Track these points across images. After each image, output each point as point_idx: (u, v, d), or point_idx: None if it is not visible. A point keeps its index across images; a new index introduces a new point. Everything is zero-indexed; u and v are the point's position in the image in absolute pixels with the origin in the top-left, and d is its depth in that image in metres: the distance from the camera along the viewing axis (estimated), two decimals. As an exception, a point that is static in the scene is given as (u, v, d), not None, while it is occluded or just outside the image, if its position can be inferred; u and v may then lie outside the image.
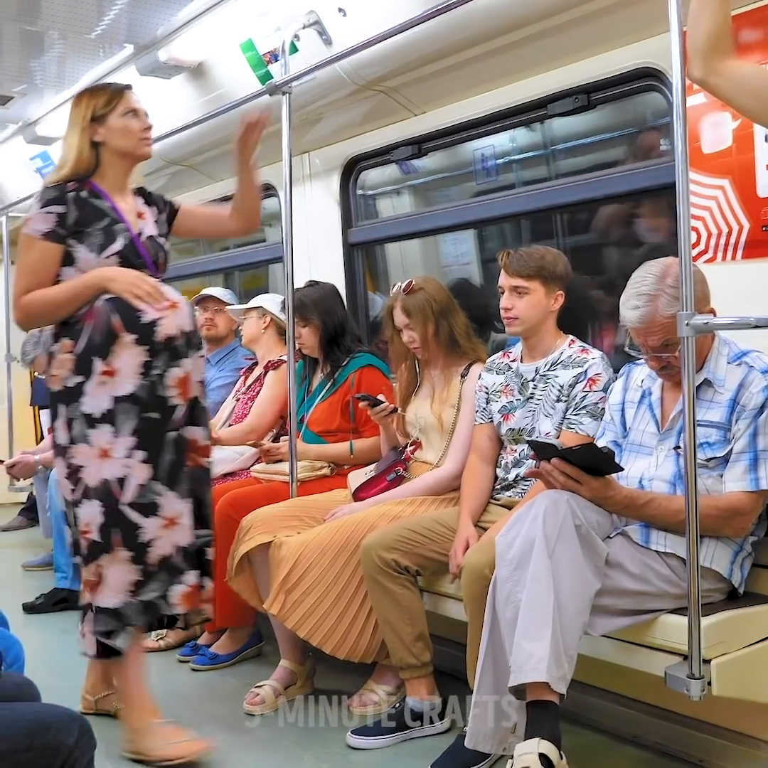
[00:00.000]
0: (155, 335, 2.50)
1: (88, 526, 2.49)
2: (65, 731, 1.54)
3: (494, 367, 2.87)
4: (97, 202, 2.59)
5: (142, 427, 2.49)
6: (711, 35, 1.88)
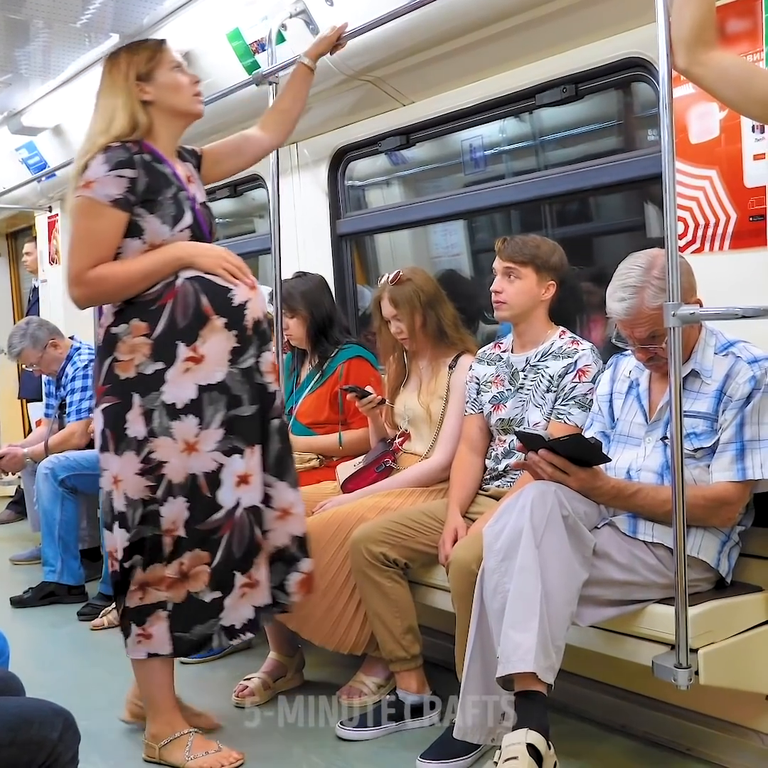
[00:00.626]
0: (245, 319, 2.36)
1: (175, 524, 2.34)
2: (49, 726, 1.52)
3: (485, 357, 2.87)
4: (160, 167, 2.36)
5: (243, 416, 2.35)
6: (695, 26, 1.89)
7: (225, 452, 2.35)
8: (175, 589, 2.36)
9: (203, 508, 2.35)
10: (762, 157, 2.29)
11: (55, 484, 4.15)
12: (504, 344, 2.85)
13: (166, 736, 2.46)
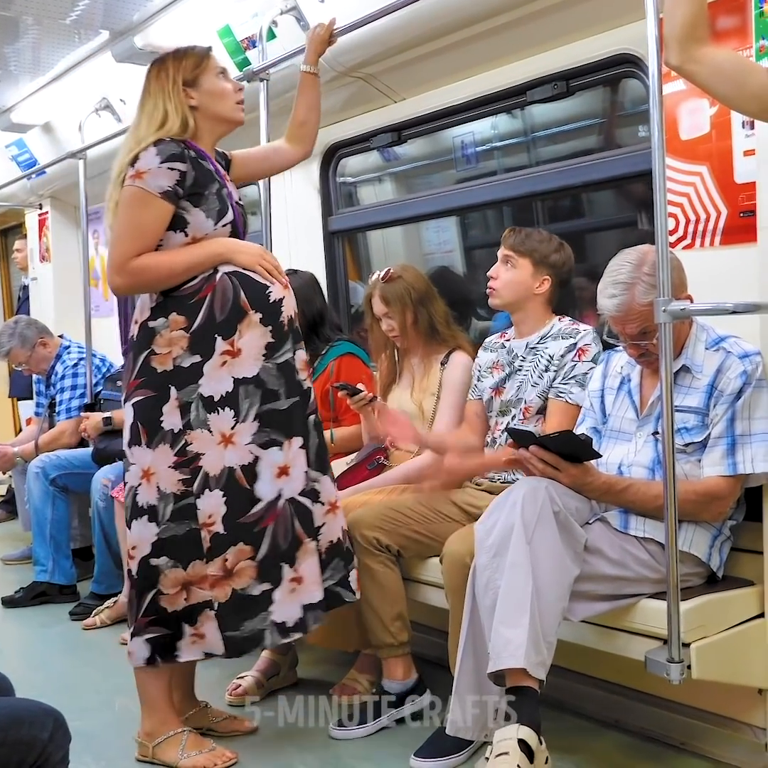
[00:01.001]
0: (281, 316, 2.40)
1: (212, 517, 2.33)
2: (39, 726, 1.51)
3: (489, 345, 2.89)
4: (204, 163, 2.40)
5: (279, 410, 2.38)
6: (688, 22, 1.88)
7: (261, 445, 2.37)
8: (219, 587, 2.35)
9: (242, 502, 2.35)
10: (752, 153, 2.29)
11: (46, 483, 4.13)
12: (509, 333, 2.86)
13: (160, 735, 2.45)
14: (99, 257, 5.60)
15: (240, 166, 2.65)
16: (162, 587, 2.36)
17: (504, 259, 2.73)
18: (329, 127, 3.79)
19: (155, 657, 2.39)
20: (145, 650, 2.38)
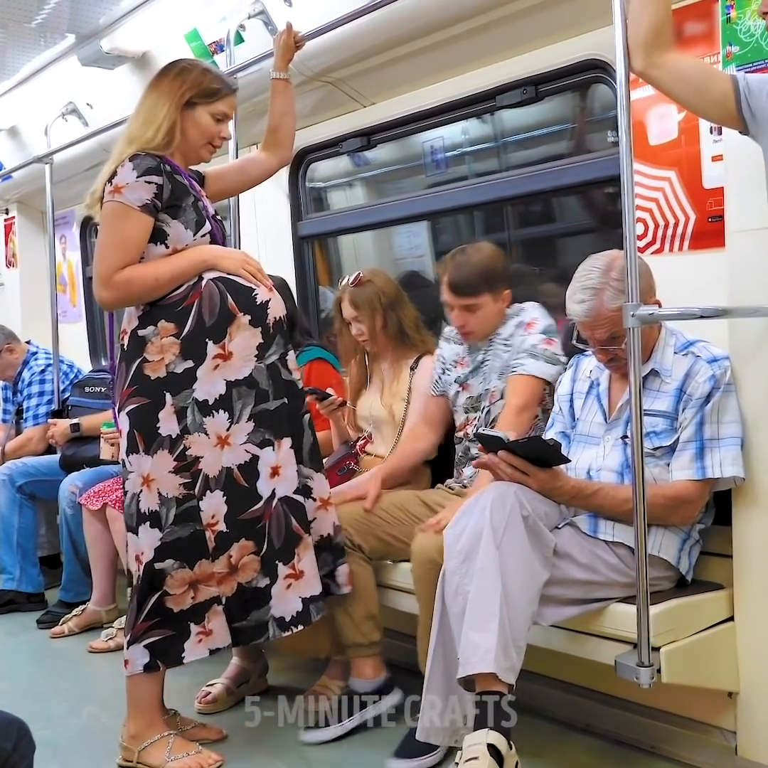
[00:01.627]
0: (268, 317, 2.43)
1: (215, 517, 2.38)
2: (2, 735, 1.50)
3: (452, 336, 2.88)
4: (179, 177, 2.43)
5: (270, 410, 2.42)
6: (652, 29, 1.90)
7: (258, 444, 2.41)
8: (225, 583, 2.40)
9: (242, 499, 2.40)
10: (720, 158, 2.31)
11: (12, 491, 4.08)
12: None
13: (146, 738, 2.45)
14: (66, 262, 5.55)
15: (215, 181, 2.67)
16: (168, 588, 2.38)
17: (464, 308, 2.68)
18: (298, 132, 3.76)
19: (156, 662, 2.40)
20: (144, 656, 2.40)
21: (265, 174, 2.83)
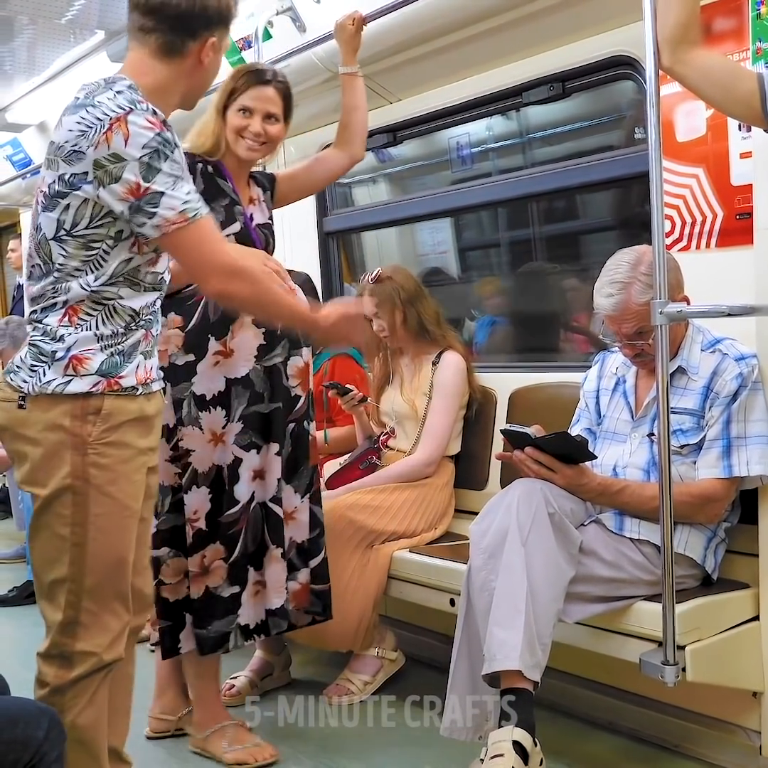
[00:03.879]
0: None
1: (197, 514, 2.39)
2: (34, 724, 1.52)
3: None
4: (221, 181, 2.47)
5: (262, 413, 2.42)
6: (679, 25, 1.90)
7: (243, 447, 2.41)
8: (195, 584, 2.40)
9: (224, 501, 2.40)
10: (748, 155, 2.29)
11: (40, 483, 4.11)
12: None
13: (209, 727, 2.50)
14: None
15: (285, 182, 2.67)
16: (163, 577, 2.41)
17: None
18: (324, 127, 3.78)
19: (163, 650, 2.46)
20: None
21: (336, 172, 2.77)
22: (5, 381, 1.83)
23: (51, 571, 1.82)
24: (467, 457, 3.04)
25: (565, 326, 3.67)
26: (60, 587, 1.81)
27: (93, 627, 1.81)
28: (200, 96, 2.02)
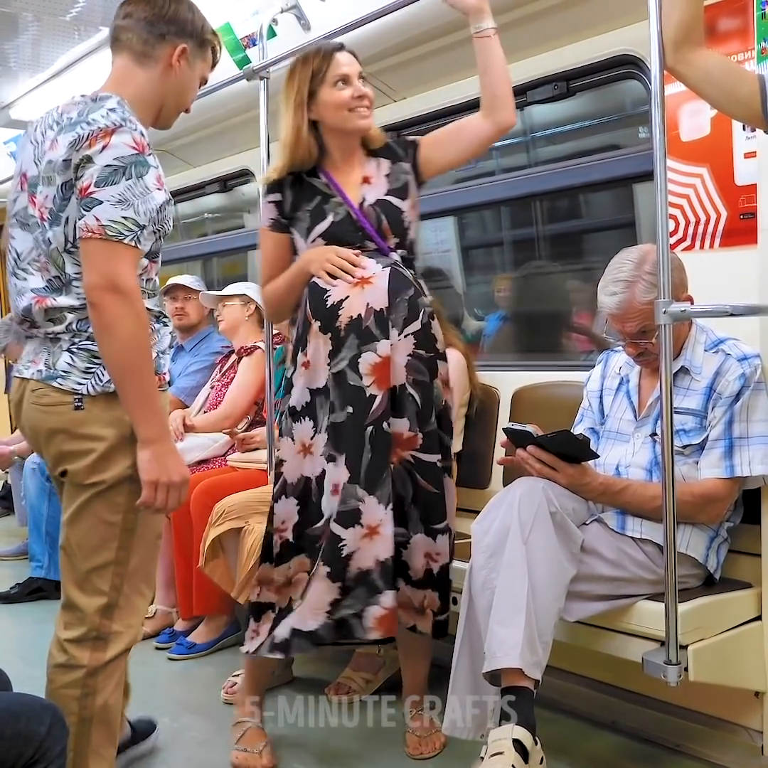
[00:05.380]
0: (338, 320, 2.29)
1: (285, 524, 2.37)
2: (36, 720, 1.52)
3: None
4: (314, 180, 2.42)
5: (336, 423, 2.30)
6: (683, 25, 1.90)
7: (327, 458, 2.34)
8: (281, 594, 2.38)
9: (311, 513, 2.36)
10: (753, 155, 2.29)
11: (42, 479, 4.13)
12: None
13: (236, 717, 2.53)
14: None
15: (429, 148, 2.46)
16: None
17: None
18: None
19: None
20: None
21: (482, 139, 2.42)
22: (49, 386, 1.90)
23: (94, 557, 1.91)
24: (470, 456, 3.03)
25: (567, 325, 3.67)
26: (103, 572, 1.91)
27: (126, 608, 1.93)
28: (175, 111, 2.10)
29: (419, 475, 2.34)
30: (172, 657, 3.24)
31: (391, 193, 2.41)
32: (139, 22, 2.01)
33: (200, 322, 4.18)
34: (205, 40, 2.09)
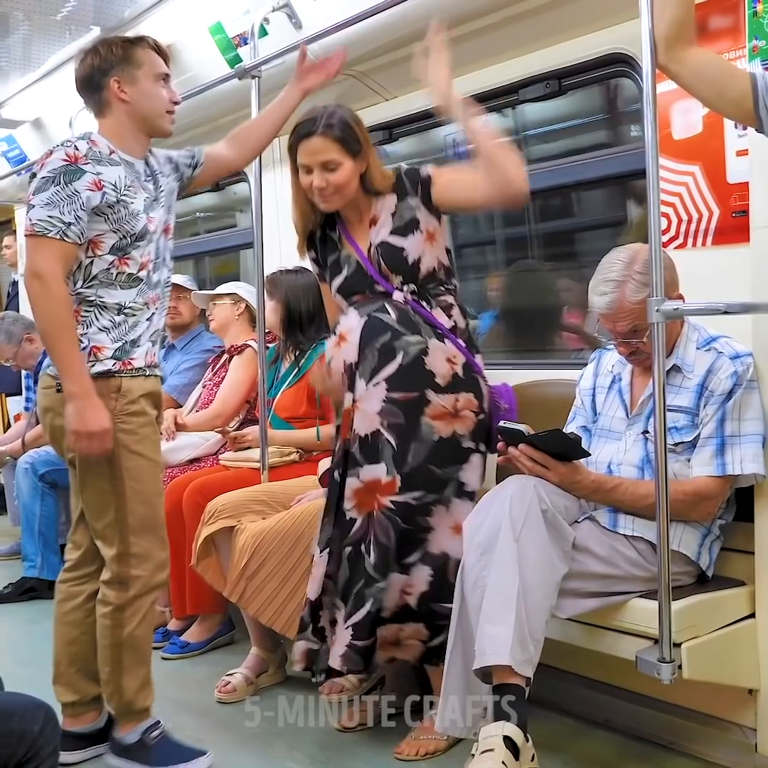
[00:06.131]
0: (332, 377, 2.49)
1: (411, 588, 2.35)
2: (29, 719, 1.52)
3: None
4: (333, 234, 2.54)
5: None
6: (675, 23, 1.91)
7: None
8: (383, 649, 2.39)
9: (442, 591, 2.32)
10: (745, 153, 2.30)
11: (34, 479, 4.12)
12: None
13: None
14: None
15: (443, 189, 2.47)
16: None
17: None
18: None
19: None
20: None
21: (492, 204, 2.53)
22: (45, 373, 2.37)
23: (102, 518, 2.33)
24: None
25: (558, 324, 3.67)
26: (111, 529, 2.32)
27: (140, 556, 2.34)
28: (157, 118, 2.40)
29: (401, 520, 2.32)
30: (166, 656, 3.24)
31: (394, 232, 2.43)
32: (81, 90, 2.41)
33: (192, 321, 4.17)
34: (125, 56, 2.35)
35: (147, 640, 2.40)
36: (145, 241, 2.33)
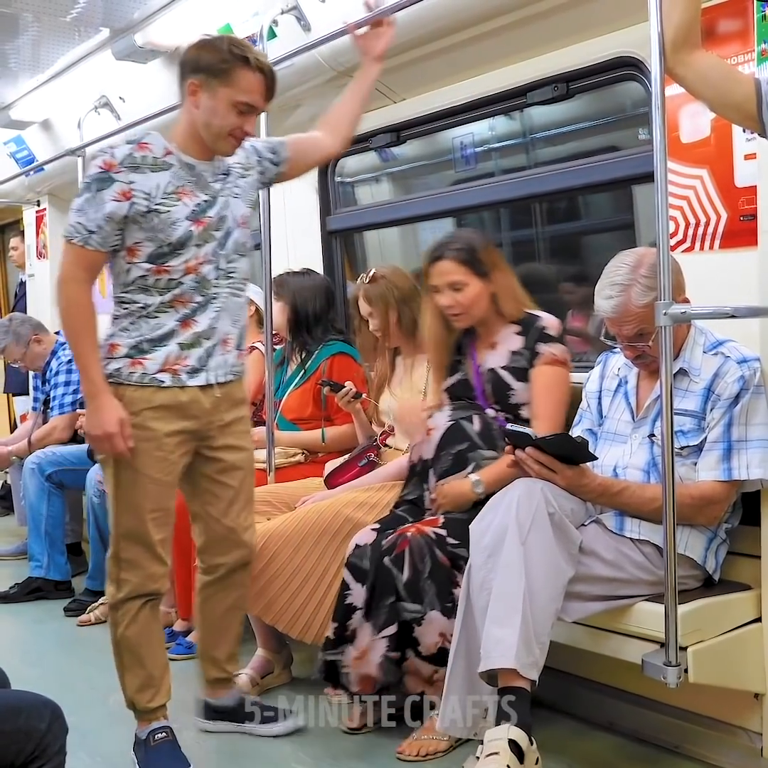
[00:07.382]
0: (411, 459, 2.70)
1: (443, 635, 2.38)
2: (36, 716, 1.52)
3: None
4: (464, 339, 2.75)
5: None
6: (683, 26, 1.91)
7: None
8: (411, 679, 2.46)
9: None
10: (753, 156, 2.29)
11: (41, 479, 4.13)
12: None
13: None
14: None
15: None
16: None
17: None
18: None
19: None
20: None
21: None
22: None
23: (110, 516, 2.40)
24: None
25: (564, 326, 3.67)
26: (112, 530, 2.39)
27: (129, 561, 2.37)
28: (213, 137, 2.33)
29: (438, 550, 2.38)
30: (172, 657, 3.22)
31: (507, 369, 2.63)
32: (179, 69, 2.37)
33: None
34: (220, 69, 2.27)
35: (140, 642, 2.41)
36: (186, 249, 2.28)
